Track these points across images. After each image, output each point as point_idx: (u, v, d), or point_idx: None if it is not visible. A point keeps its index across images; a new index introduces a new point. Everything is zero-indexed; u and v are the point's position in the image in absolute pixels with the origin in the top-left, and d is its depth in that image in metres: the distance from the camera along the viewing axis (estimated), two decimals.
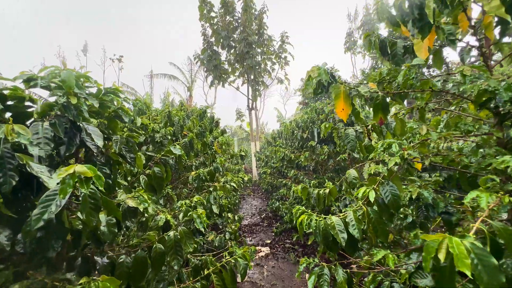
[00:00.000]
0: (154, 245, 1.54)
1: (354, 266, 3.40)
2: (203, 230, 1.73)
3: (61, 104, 1.12)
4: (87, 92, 1.29)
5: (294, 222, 1.86)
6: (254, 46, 14.44)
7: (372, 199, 1.65)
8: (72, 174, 0.84)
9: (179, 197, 3.11)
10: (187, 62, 23.61)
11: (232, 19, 15.07)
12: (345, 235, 1.63)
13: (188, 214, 1.76)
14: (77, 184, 0.85)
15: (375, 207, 1.78)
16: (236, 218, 4.08)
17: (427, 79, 1.67)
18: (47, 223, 0.88)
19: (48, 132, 1.10)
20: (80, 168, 0.86)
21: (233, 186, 3.57)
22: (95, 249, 1.33)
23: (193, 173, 2.66)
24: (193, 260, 2.37)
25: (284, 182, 6.15)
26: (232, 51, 15.73)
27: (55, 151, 1.25)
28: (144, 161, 1.87)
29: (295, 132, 5.46)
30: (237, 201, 8.41)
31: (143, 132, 2.56)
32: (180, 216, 1.93)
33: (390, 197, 1.66)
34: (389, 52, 2.29)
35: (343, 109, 1.46)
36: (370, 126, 2.48)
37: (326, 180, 4.26)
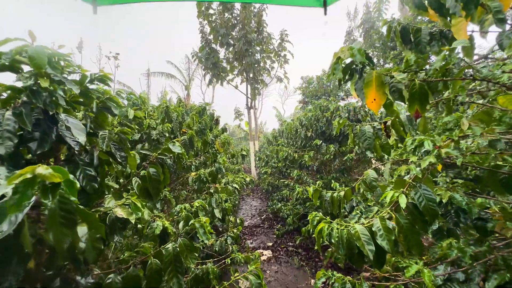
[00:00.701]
0: (150, 260, 1.29)
1: (366, 274, 3.18)
2: (207, 241, 1.48)
3: (28, 87, 0.87)
4: (65, 75, 1.04)
5: (311, 231, 1.63)
6: (253, 43, 14.20)
7: (403, 205, 1.42)
8: (30, 179, 0.60)
9: (177, 200, 2.86)
10: (185, 60, 23.30)
11: (230, 16, 14.80)
12: (372, 247, 1.40)
13: (190, 223, 1.51)
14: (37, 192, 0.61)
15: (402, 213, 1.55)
16: (238, 221, 3.85)
17: (469, 65, 1.44)
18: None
19: (10, 123, 0.85)
20: (43, 170, 0.61)
21: (235, 187, 3.34)
22: (74, 270, 1.09)
23: (193, 174, 2.41)
24: (193, 269, 2.13)
25: (286, 182, 5.92)
26: (230, 49, 15.47)
27: (25, 148, 1.00)
28: (138, 161, 1.63)
29: (299, 130, 5.23)
30: (236, 202, 8.17)
31: (138, 128, 2.31)
32: (180, 225, 1.69)
33: (424, 202, 1.43)
34: (412, 39, 2.06)
35: (374, 100, 1.22)
36: (388, 122, 2.26)
37: (332, 181, 4.02)
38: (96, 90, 1.35)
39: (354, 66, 1.29)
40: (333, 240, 1.47)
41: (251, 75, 15.04)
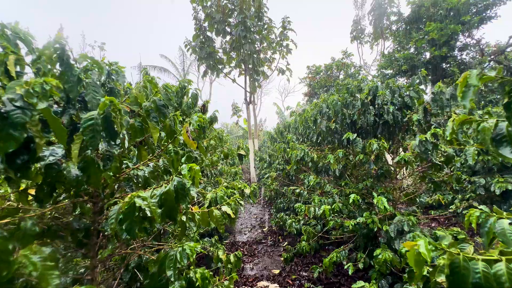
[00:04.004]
0: None
1: None
2: None
3: None
4: None
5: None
6: (252, 30, 12.74)
7: None
8: None
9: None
10: (179, 53, 21.74)
11: (227, 1, 13.32)
12: None
13: None
14: None
15: None
16: (231, 260, 2.44)
17: None
18: None
19: None
20: None
21: (227, 213, 1.93)
22: None
23: (122, 202, 1.01)
24: None
25: (298, 190, 4.49)
26: (227, 38, 14.00)
27: None
28: None
29: (318, 120, 3.80)
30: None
31: None
32: None
33: None
34: None
35: None
36: None
37: (375, 195, 2.60)
38: None
39: None
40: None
41: (250, 66, 13.56)
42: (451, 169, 4.43)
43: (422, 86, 3.43)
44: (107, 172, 1.33)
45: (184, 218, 1.88)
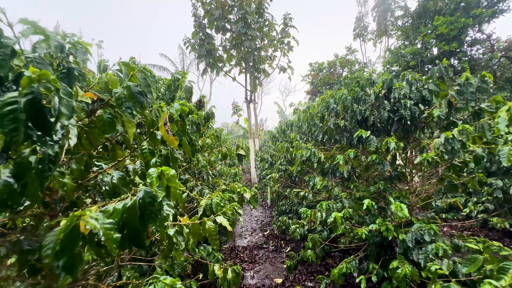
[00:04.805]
0: None
1: None
2: None
3: None
4: None
5: None
6: (253, 26, 12.39)
7: None
8: None
9: None
10: (179, 51, 21.40)
11: None
12: None
13: None
14: None
15: None
16: (229, 276, 2.11)
17: None
18: None
19: None
20: None
21: (223, 225, 1.61)
22: None
23: (62, 221, 0.70)
24: None
25: (302, 193, 4.16)
26: (228, 35, 13.67)
27: None
28: None
29: (326, 117, 3.46)
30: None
31: None
32: None
33: None
34: None
35: None
36: None
37: (392, 199, 2.28)
38: None
39: None
40: None
41: (250, 63, 13.22)
42: (464, 170, 4.08)
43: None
44: (61, 178, 1.00)
45: (171, 231, 1.55)
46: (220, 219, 1.62)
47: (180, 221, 1.62)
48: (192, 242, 2.14)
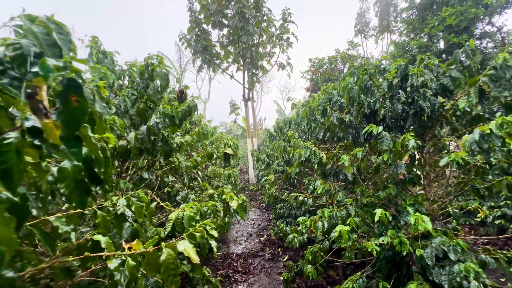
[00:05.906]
0: None
1: None
2: None
3: None
4: None
5: None
6: (250, 21, 11.92)
7: None
8: None
9: None
10: (175, 49, 20.91)
11: None
12: None
13: None
14: None
15: None
16: None
17: None
18: None
19: None
20: None
21: (187, 252, 1.12)
22: None
23: None
24: None
25: (301, 198, 3.69)
26: (225, 31, 13.19)
27: None
28: None
29: (328, 112, 2.99)
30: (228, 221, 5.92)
31: None
32: None
33: None
34: None
35: None
36: None
37: (409, 209, 1.81)
38: None
39: None
40: None
41: (248, 60, 12.74)
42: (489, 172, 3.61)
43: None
44: None
45: (112, 265, 1.09)
46: (183, 246, 1.15)
47: (125, 246, 1.16)
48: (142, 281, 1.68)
